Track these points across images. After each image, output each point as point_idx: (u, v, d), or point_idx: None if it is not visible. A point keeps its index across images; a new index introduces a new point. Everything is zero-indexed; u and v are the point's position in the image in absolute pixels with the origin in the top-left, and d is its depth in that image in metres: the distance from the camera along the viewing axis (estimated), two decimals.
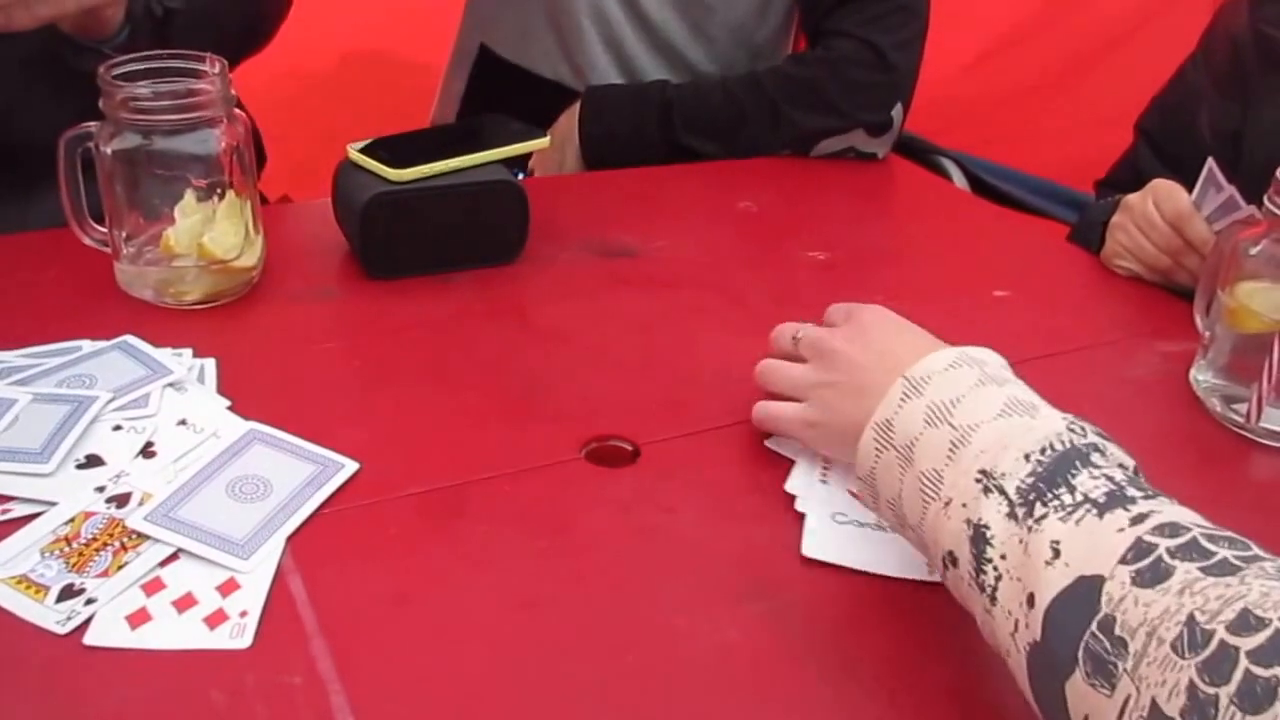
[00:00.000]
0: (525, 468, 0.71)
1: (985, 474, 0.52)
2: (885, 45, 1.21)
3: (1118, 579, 0.45)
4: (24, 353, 0.76)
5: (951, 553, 0.53)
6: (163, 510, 0.63)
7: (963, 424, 0.55)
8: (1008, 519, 0.51)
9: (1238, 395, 0.80)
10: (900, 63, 1.22)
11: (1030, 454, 0.52)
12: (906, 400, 0.58)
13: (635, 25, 1.32)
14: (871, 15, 1.21)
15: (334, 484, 0.67)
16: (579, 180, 1.17)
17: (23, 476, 0.65)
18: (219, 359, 0.78)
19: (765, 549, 0.65)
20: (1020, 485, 0.51)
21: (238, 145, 0.84)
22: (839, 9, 1.23)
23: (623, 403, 0.78)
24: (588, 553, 0.64)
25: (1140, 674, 0.42)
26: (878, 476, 0.60)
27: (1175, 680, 0.40)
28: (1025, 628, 0.48)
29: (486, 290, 0.92)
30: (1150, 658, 0.42)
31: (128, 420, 0.70)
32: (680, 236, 1.06)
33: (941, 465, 0.55)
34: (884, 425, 0.59)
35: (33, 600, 0.57)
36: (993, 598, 0.50)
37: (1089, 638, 0.44)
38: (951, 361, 0.60)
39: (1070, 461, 0.52)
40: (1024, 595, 0.48)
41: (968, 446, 0.54)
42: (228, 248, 0.84)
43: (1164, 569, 0.44)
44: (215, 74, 0.82)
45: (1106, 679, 0.43)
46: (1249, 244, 0.79)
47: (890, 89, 1.23)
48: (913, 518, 0.57)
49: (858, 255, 1.05)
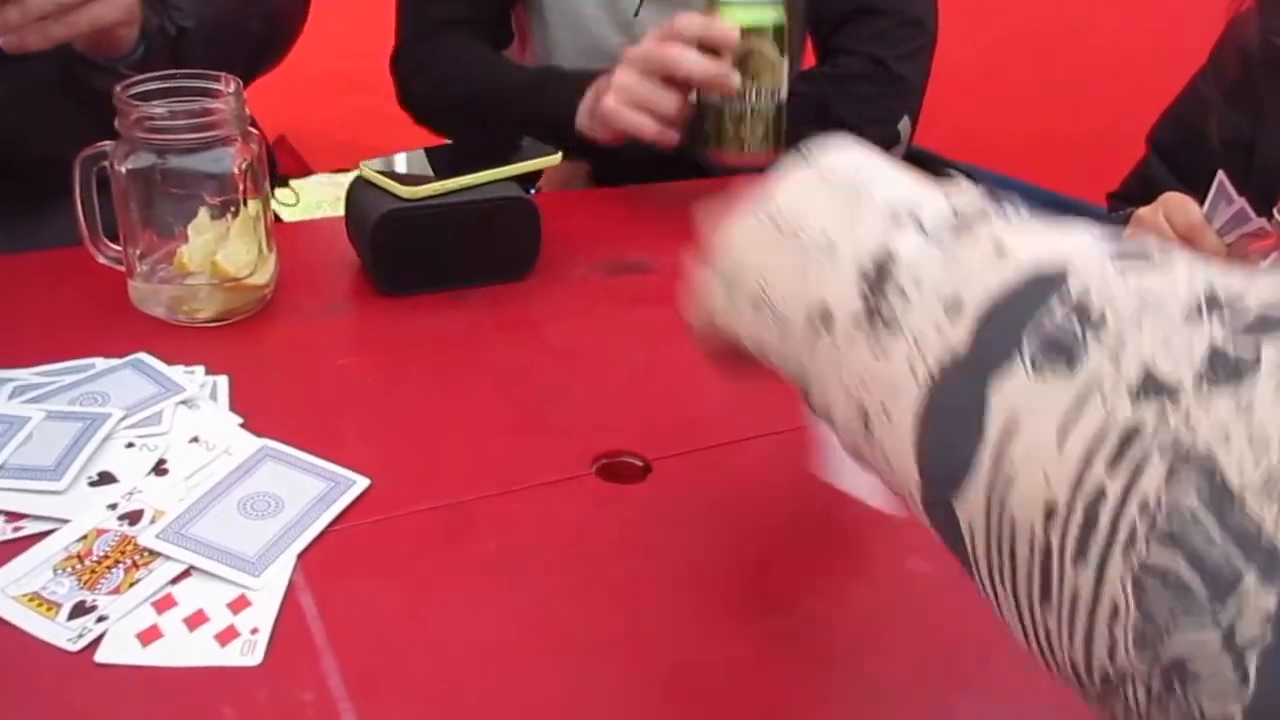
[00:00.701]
0: (536, 483, 0.71)
1: (898, 215, 0.43)
2: (889, 58, 1.21)
3: (1093, 268, 0.35)
4: (37, 370, 0.77)
5: (826, 309, 0.43)
6: (174, 528, 0.63)
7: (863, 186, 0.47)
8: (927, 244, 0.41)
9: None
10: (906, 75, 1.22)
11: (954, 205, 0.43)
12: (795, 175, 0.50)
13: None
14: (877, 31, 1.22)
15: (345, 500, 0.67)
16: (590, 196, 1.18)
17: (35, 494, 0.65)
18: (231, 376, 0.78)
19: (777, 565, 0.65)
20: (949, 210, 0.42)
21: (251, 163, 0.84)
22: (845, 26, 1.23)
23: (634, 418, 0.78)
24: (598, 569, 0.64)
25: (1124, 339, 0.31)
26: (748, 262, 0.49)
27: (1188, 339, 0.30)
28: (940, 344, 0.37)
29: (498, 306, 0.92)
30: (1142, 323, 0.31)
31: (140, 438, 0.71)
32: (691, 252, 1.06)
33: (838, 224, 0.45)
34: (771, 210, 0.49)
35: (44, 618, 0.57)
36: (891, 325, 0.39)
37: (1044, 321, 0.33)
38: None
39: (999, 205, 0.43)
40: (945, 307, 0.37)
41: (873, 201, 0.45)
42: (241, 265, 0.85)
43: (1158, 259, 0.34)
44: (230, 93, 0.83)
45: (1064, 357, 0.32)
46: (1259, 257, 0.79)
47: (895, 101, 1.23)
48: (782, 291, 0.46)
49: None
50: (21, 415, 0.71)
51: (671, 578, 0.64)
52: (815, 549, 0.67)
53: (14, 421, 0.71)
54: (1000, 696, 0.58)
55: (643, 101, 1.04)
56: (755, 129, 1.06)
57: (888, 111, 1.23)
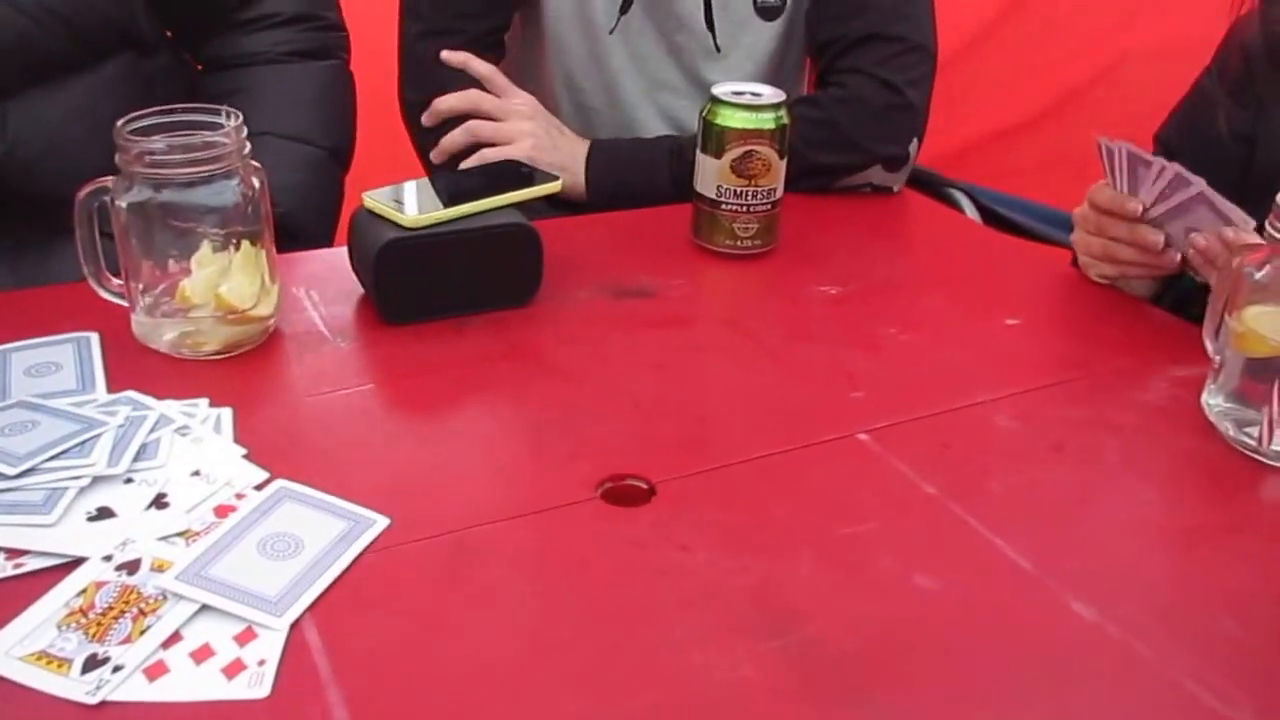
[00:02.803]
0: (541, 509, 0.71)
1: None
2: (900, 82, 1.23)
3: None
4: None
5: None
6: (194, 569, 0.63)
7: None
8: None
9: (1249, 419, 0.80)
10: (916, 99, 1.24)
11: None
12: None
13: (646, 93, 1.35)
14: (885, 55, 1.24)
15: (365, 540, 0.67)
16: (593, 221, 1.18)
17: (33, 528, 0.65)
18: (235, 408, 0.79)
19: (781, 585, 0.65)
20: None
21: (253, 195, 0.85)
22: (853, 50, 1.25)
23: (638, 442, 0.79)
24: (604, 592, 0.64)
25: None
26: None
27: None
28: None
29: (502, 333, 0.93)
30: None
31: (138, 472, 0.71)
32: (694, 275, 1.06)
33: None
34: None
35: (56, 675, 0.57)
36: None
37: None
38: None
39: None
40: None
41: None
42: (244, 297, 0.85)
43: None
44: (231, 126, 0.83)
45: None
46: (1254, 268, 0.79)
47: (907, 123, 1.25)
48: None
49: (870, 288, 1.05)
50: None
51: (677, 599, 0.64)
52: (820, 568, 0.67)
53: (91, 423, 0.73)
54: (1007, 714, 0.58)
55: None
56: (749, 226, 1.07)
57: (900, 133, 1.25)
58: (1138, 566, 0.70)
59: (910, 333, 0.97)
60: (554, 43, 1.34)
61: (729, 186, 1.06)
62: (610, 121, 1.36)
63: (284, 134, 1.18)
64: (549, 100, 1.37)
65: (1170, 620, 0.65)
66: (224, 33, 1.22)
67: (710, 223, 1.09)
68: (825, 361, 0.90)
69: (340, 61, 1.28)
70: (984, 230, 1.35)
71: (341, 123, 1.26)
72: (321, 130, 1.21)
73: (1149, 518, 0.75)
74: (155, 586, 0.62)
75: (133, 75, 1.14)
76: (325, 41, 1.26)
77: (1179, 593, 0.68)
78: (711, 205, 1.08)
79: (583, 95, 1.36)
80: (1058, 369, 0.91)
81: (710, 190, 1.07)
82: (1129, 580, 0.68)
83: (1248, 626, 0.64)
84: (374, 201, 0.93)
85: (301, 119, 1.21)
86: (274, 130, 1.17)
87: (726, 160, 1.05)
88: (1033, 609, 0.65)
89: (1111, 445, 0.82)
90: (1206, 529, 0.74)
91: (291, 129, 1.19)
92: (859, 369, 0.89)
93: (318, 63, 1.24)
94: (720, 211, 1.07)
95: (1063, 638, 0.63)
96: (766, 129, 1.04)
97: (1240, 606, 0.66)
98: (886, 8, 1.24)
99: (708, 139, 1.06)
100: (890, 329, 0.97)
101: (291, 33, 1.23)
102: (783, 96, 1.06)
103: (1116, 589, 0.67)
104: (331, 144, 1.22)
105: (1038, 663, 0.61)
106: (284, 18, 1.23)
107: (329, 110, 1.24)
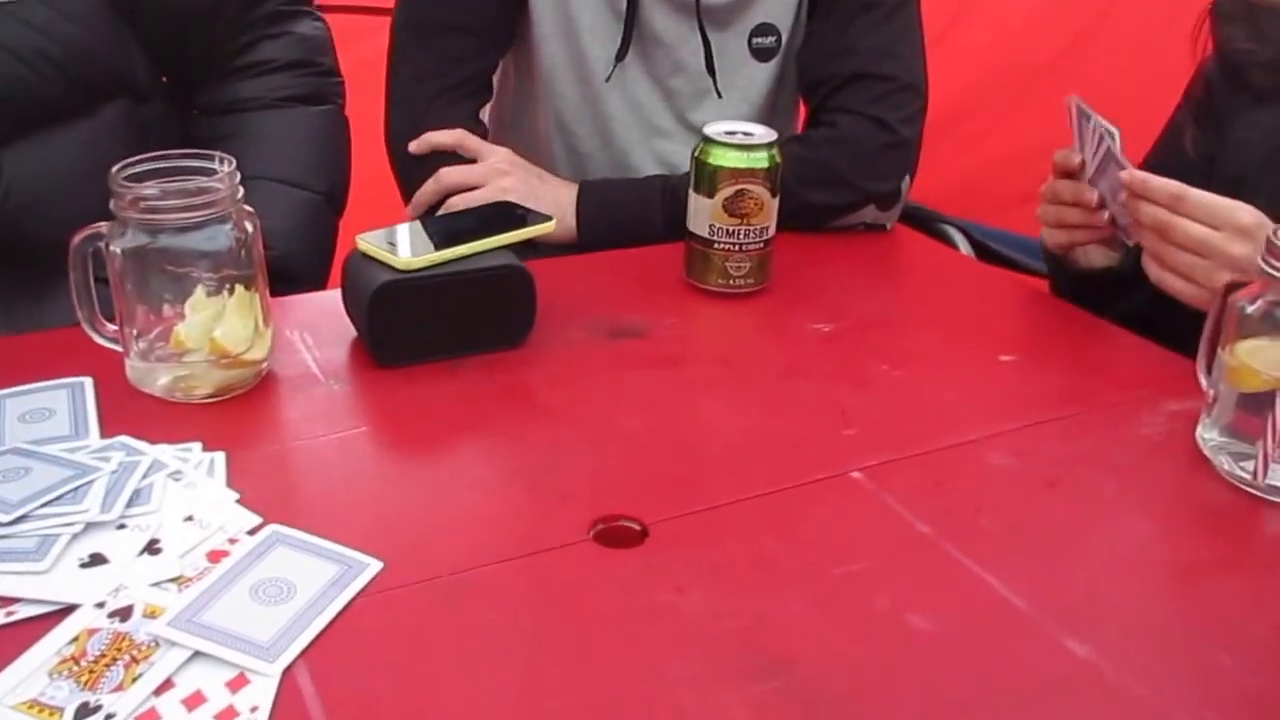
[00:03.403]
0: (533, 551, 0.71)
1: None
2: (892, 120, 1.24)
3: None
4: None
5: None
6: (186, 615, 0.63)
7: None
8: None
9: (1244, 452, 0.80)
10: (908, 136, 1.25)
11: None
12: None
13: (641, 140, 1.36)
14: (877, 94, 1.25)
15: (358, 584, 0.67)
16: (586, 261, 1.19)
17: (26, 576, 0.65)
18: (228, 452, 0.79)
19: (775, 626, 0.65)
20: None
21: (246, 240, 0.85)
22: (844, 88, 1.26)
23: (631, 482, 0.78)
24: (597, 635, 0.64)
25: None
26: None
27: None
28: None
29: (495, 374, 0.93)
30: None
31: (131, 518, 0.71)
32: (686, 314, 1.07)
33: None
34: None
35: None
36: None
37: None
38: None
39: None
40: None
41: None
42: (238, 341, 0.85)
43: None
44: (224, 172, 0.84)
45: None
46: (1246, 303, 0.79)
47: (901, 160, 1.26)
48: None
49: (863, 325, 1.05)
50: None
51: (670, 641, 0.64)
52: (814, 609, 0.67)
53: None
54: None
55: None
56: (742, 265, 1.08)
57: (893, 170, 1.26)
58: (1134, 603, 0.69)
59: (903, 369, 0.97)
60: (547, 88, 1.35)
61: (721, 226, 1.06)
62: (604, 166, 1.37)
63: (279, 179, 1.19)
64: (541, 144, 1.38)
65: (1167, 658, 0.64)
66: (221, 79, 1.24)
67: (703, 262, 1.09)
68: (818, 399, 0.90)
69: (335, 107, 1.29)
70: (977, 265, 1.36)
71: (336, 168, 1.27)
72: (316, 175, 1.22)
73: (1145, 554, 0.75)
74: (147, 633, 0.62)
75: (129, 121, 1.15)
76: (321, 87, 1.27)
77: (1176, 630, 0.68)
78: (704, 244, 1.08)
79: (576, 140, 1.37)
80: (1052, 405, 0.91)
81: (703, 229, 1.08)
82: (1125, 617, 0.68)
83: (1246, 663, 0.64)
84: (367, 244, 0.94)
85: (297, 164, 1.21)
86: (269, 175, 1.18)
87: (719, 199, 1.05)
88: (1028, 648, 0.65)
89: (1106, 481, 0.82)
90: (1203, 564, 0.74)
91: (287, 174, 1.20)
92: (852, 406, 0.89)
93: (313, 108, 1.26)
94: (713, 250, 1.08)
95: (1058, 676, 0.62)
96: (759, 168, 1.05)
97: (1238, 643, 0.65)
98: (876, 47, 1.25)
99: (700, 178, 1.07)
100: (883, 366, 0.97)
101: (288, 78, 1.24)
102: (774, 136, 1.07)
103: (1112, 626, 0.66)
104: (326, 189, 1.23)
105: (1033, 702, 0.61)
106: (280, 64, 1.24)
107: (324, 155, 1.25)
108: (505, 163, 1.25)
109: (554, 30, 1.31)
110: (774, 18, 1.31)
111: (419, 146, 1.26)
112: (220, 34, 1.21)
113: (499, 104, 1.44)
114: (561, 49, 1.32)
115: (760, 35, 1.32)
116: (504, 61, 1.39)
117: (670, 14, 1.29)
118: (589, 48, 1.31)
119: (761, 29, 1.32)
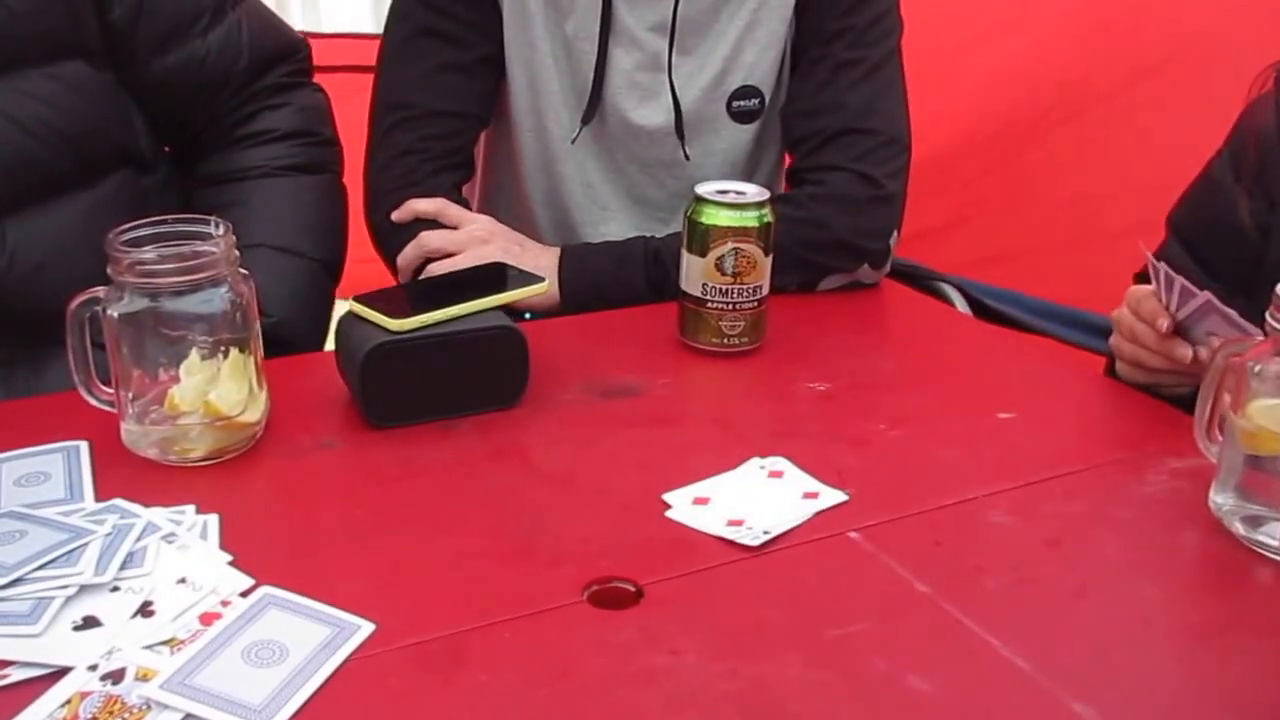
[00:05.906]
0: (527, 613, 0.70)
1: None
2: (879, 176, 1.24)
3: None
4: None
5: None
6: (178, 678, 0.62)
7: None
8: None
9: (1258, 515, 0.78)
10: (894, 190, 1.26)
11: None
12: None
13: (624, 200, 1.36)
14: (862, 150, 1.25)
15: (350, 646, 0.66)
16: (579, 321, 1.19)
17: (20, 639, 0.65)
18: (222, 515, 0.78)
19: (772, 689, 0.64)
20: None
21: (241, 303, 0.85)
22: (829, 145, 1.26)
23: (625, 543, 0.78)
24: (591, 697, 0.63)
25: None
26: None
27: None
28: None
29: (488, 435, 0.92)
30: None
31: (125, 581, 0.70)
32: (681, 374, 1.07)
33: None
34: None
35: None
36: None
37: None
38: None
39: None
40: None
41: None
42: (233, 404, 0.85)
43: None
44: (219, 236, 0.84)
45: None
46: (1255, 363, 0.78)
47: (889, 214, 1.26)
48: None
49: (859, 383, 1.05)
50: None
51: (665, 704, 0.63)
52: (811, 671, 0.66)
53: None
54: None
55: None
56: (736, 324, 1.08)
57: (881, 226, 1.26)
58: (1139, 665, 0.68)
59: (900, 428, 0.96)
60: (522, 156, 1.36)
61: (715, 285, 1.07)
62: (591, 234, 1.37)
63: (278, 246, 1.19)
64: (526, 213, 1.38)
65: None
66: (223, 149, 1.25)
67: (696, 321, 1.09)
68: (814, 459, 0.90)
69: (333, 175, 1.30)
70: (974, 323, 1.36)
71: (333, 236, 1.28)
72: (314, 243, 1.23)
73: (1149, 614, 0.73)
74: (140, 696, 0.61)
75: (130, 191, 1.17)
76: (319, 156, 1.28)
77: (1182, 692, 0.67)
78: (697, 304, 1.08)
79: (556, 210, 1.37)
80: (1053, 462, 0.91)
81: (696, 289, 1.08)
82: (1130, 679, 0.66)
83: None
84: (360, 306, 0.94)
85: (295, 232, 1.22)
86: (269, 242, 1.18)
87: (712, 258, 1.06)
88: (1031, 710, 0.64)
89: (1109, 540, 0.81)
90: (1208, 625, 0.73)
91: (286, 241, 1.20)
92: (849, 466, 0.89)
93: (312, 176, 1.27)
94: (706, 310, 1.08)
95: None
96: (751, 227, 1.05)
97: (1244, 705, 0.64)
98: (860, 103, 1.26)
99: (693, 237, 1.07)
100: (880, 424, 0.97)
101: (287, 148, 1.25)
102: (767, 195, 1.07)
103: (1117, 688, 0.65)
104: (323, 256, 1.24)
105: None
106: (280, 133, 1.25)
107: (322, 223, 1.26)
108: (484, 230, 1.24)
109: (527, 106, 1.32)
110: (756, 80, 1.32)
111: (401, 214, 1.27)
112: (223, 106, 1.22)
113: (485, 174, 1.45)
114: (530, 120, 1.33)
115: (742, 98, 1.33)
116: (485, 133, 1.40)
117: (638, 80, 1.29)
118: (552, 122, 1.32)
119: (743, 91, 1.33)
